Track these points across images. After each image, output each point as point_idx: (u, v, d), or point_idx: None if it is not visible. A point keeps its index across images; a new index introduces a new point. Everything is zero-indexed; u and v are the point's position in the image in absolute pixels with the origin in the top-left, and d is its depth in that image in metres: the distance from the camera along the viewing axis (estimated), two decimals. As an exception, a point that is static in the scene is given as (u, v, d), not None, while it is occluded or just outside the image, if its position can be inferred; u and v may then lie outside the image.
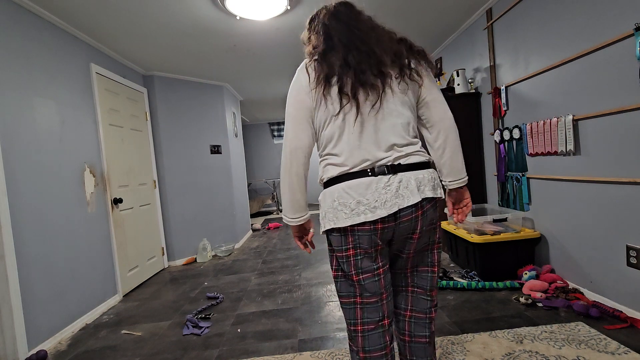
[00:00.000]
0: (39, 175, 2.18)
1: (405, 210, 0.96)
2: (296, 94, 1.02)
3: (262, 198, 7.51)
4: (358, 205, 0.95)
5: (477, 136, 3.15)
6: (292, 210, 1.08)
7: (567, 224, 2.24)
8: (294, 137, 1.02)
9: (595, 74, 1.94)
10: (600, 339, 1.68)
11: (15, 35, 2.10)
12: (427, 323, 1.10)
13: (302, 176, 1.04)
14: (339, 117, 0.97)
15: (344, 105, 0.96)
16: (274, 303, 2.54)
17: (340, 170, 0.98)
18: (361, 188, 0.95)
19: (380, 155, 0.97)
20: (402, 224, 0.98)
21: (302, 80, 1.01)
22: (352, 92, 0.95)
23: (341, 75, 0.96)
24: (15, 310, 1.92)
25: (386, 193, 0.94)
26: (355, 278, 1.01)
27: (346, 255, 1.00)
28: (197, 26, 2.74)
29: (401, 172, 0.97)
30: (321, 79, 0.96)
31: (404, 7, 2.70)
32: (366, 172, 0.96)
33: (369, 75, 0.96)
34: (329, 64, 0.97)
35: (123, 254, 3.03)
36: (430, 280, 1.09)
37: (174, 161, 3.93)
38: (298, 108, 1.01)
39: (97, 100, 2.83)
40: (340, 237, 1.00)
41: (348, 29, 1.01)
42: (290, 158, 1.02)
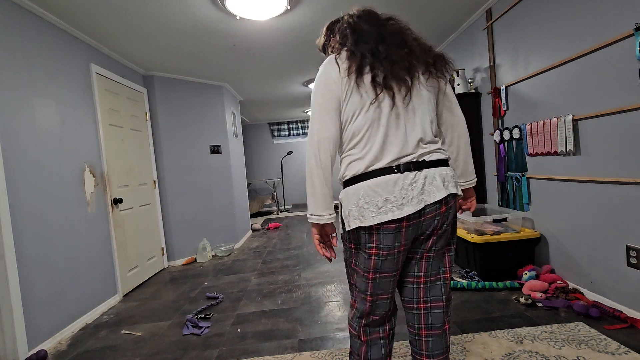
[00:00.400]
0: (39, 175, 2.18)
1: (431, 206, 0.96)
2: (324, 84, 0.99)
3: (262, 198, 7.50)
4: (385, 203, 0.93)
5: (477, 136, 3.15)
6: (323, 206, 1.01)
7: (567, 224, 2.24)
8: (321, 128, 0.98)
9: (595, 74, 1.94)
10: (600, 339, 1.68)
11: (15, 35, 2.10)
12: (444, 338, 1.06)
13: (329, 168, 1.00)
14: (370, 109, 0.96)
15: (378, 94, 0.95)
16: (274, 303, 2.54)
17: (366, 167, 0.96)
18: (389, 185, 0.94)
19: (406, 151, 0.96)
20: (425, 221, 0.97)
21: (331, 72, 0.98)
22: (385, 82, 0.95)
23: (373, 65, 0.96)
24: (15, 310, 1.92)
25: (412, 190, 0.94)
26: (371, 276, 1.01)
27: (369, 253, 0.99)
28: (197, 26, 2.74)
29: (426, 169, 0.97)
30: (353, 68, 0.95)
31: (403, 7, 2.70)
32: (392, 169, 0.95)
33: (399, 68, 0.96)
34: (361, 54, 0.97)
35: (123, 254, 3.03)
36: (444, 287, 1.06)
37: (174, 161, 3.93)
38: (327, 98, 0.98)
39: (97, 100, 2.83)
40: (365, 235, 0.99)
41: (375, 26, 1.02)
42: (319, 148, 0.98)
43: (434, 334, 1.05)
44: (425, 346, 1.06)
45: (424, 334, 1.06)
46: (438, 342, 1.05)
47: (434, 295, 1.05)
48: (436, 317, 1.05)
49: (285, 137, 8.19)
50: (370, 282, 1.01)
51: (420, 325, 1.06)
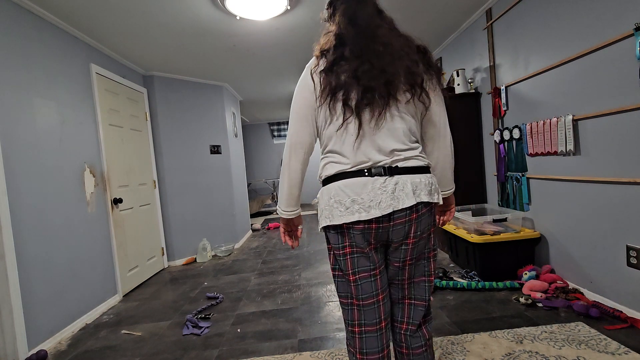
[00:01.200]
0: (39, 175, 2.18)
1: (400, 212, 0.97)
2: (301, 92, 1.03)
3: (262, 198, 7.50)
4: (353, 203, 0.96)
5: (477, 136, 3.15)
6: (285, 203, 1.10)
7: (567, 224, 2.24)
8: (294, 133, 1.04)
9: (595, 74, 1.93)
10: (600, 339, 1.68)
11: (15, 35, 2.10)
12: (421, 332, 1.09)
13: (298, 171, 1.06)
14: (337, 118, 0.99)
15: (347, 118, 0.97)
16: (274, 303, 2.54)
17: (339, 168, 0.99)
18: (357, 187, 0.96)
19: (378, 157, 0.97)
20: (396, 226, 0.98)
21: (308, 81, 1.02)
22: (357, 109, 0.95)
23: (348, 89, 0.95)
24: (15, 310, 1.92)
25: (382, 194, 0.95)
26: (352, 278, 1.02)
27: (343, 253, 1.01)
28: (197, 26, 2.74)
29: (398, 175, 0.97)
30: (327, 90, 0.97)
31: (403, 7, 2.70)
32: (363, 172, 0.97)
33: (375, 94, 0.94)
34: (337, 76, 0.96)
35: (123, 254, 3.03)
36: (428, 289, 1.09)
37: (173, 161, 3.93)
38: (301, 105, 1.03)
39: (97, 101, 2.83)
40: (337, 235, 1.01)
41: (364, 38, 0.97)
42: (290, 153, 1.05)
43: (411, 329, 1.09)
44: (405, 339, 1.09)
45: (404, 327, 1.09)
46: (416, 336, 1.09)
47: (417, 294, 1.09)
48: (417, 314, 1.09)
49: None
50: (353, 285, 1.02)
51: (402, 319, 1.10)
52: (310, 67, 1.02)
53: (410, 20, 2.96)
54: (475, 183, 3.16)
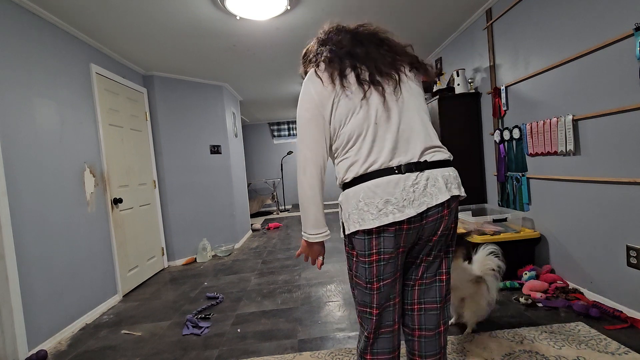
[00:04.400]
0: (39, 175, 2.18)
1: (434, 209, 0.92)
2: (306, 104, 0.98)
3: (262, 198, 7.50)
4: (386, 204, 0.90)
5: (477, 136, 3.15)
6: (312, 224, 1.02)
7: (567, 224, 2.24)
8: (306, 148, 0.99)
9: (595, 74, 1.93)
10: (600, 339, 1.68)
11: (15, 35, 2.10)
12: (437, 339, 1.04)
13: (317, 187, 1.00)
14: (361, 110, 0.94)
15: (366, 91, 0.94)
16: (274, 303, 2.54)
17: (365, 168, 0.93)
18: (389, 186, 0.90)
19: (405, 150, 0.94)
20: (428, 224, 0.94)
21: (311, 89, 0.98)
22: (371, 78, 0.94)
23: (354, 65, 0.95)
24: (15, 310, 1.92)
25: (414, 191, 0.90)
26: (375, 286, 0.96)
27: (369, 260, 0.95)
28: (197, 26, 2.74)
29: (428, 170, 0.93)
30: (335, 73, 0.94)
31: (403, 7, 2.70)
32: (392, 169, 0.91)
33: (382, 64, 0.95)
34: (339, 58, 0.96)
35: (123, 254, 3.03)
36: (440, 290, 1.03)
37: (174, 161, 3.93)
38: (309, 116, 0.97)
39: (97, 100, 2.83)
40: (364, 241, 0.94)
41: (346, 33, 1.02)
42: (305, 170, 0.99)
43: (427, 335, 1.03)
44: (419, 346, 1.04)
45: (417, 334, 1.04)
46: (431, 343, 1.04)
47: (428, 297, 1.03)
48: (430, 319, 1.03)
49: (285, 137, 8.19)
50: (375, 293, 0.96)
51: (414, 325, 1.05)
52: (313, 69, 1.01)
53: (410, 20, 2.97)
54: (475, 183, 3.16)
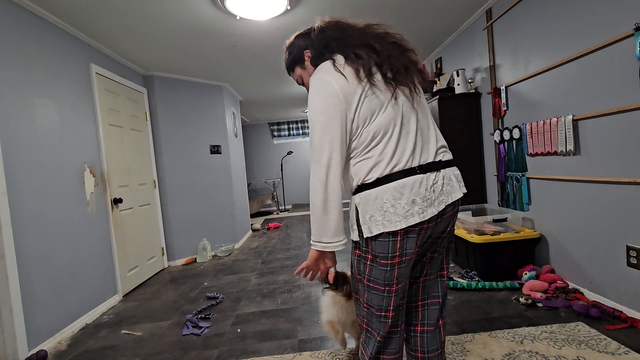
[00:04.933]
0: (39, 175, 2.18)
1: (449, 206, 0.95)
2: (325, 99, 0.91)
3: (262, 198, 7.50)
4: (413, 205, 0.89)
5: (477, 136, 3.15)
6: (330, 232, 0.93)
7: (567, 224, 2.24)
8: (327, 148, 0.90)
9: (595, 74, 1.93)
10: (600, 339, 1.68)
11: (15, 35, 2.10)
12: (438, 334, 1.07)
13: (339, 191, 0.93)
14: (388, 109, 0.92)
15: (395, 90, 0.93)
16: (274, 303, 2.54)
17: (390, 168, 0.91)
18: (415, 187, 0.90)
19: (425, 151, 0.95)
20: (442, 222, 0.96)
21: (332, 83, 0.90)
22: (396, 79, 0.93)
23: (379, 64, 0.94)
24: (15, 310, 1.92)
25: (434, 191, 0.92)
26: (394, 288, 0.95)
27: (391, 263, 0.93)
28: (197, 26, 2.74)
29: (443, 169, 0.96)
30: (361, 70, 0.91)
31: (403, 7, 2.70)
32: (414, 170, 0.91)
33: (401, 65, 0.95)
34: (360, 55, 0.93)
35: (123, 254, 3.03)
36: (441, 285, 1.07)
37: (174, 161, 3.93)
38: (329, 115, 0.90)
39: (97, 100, 2.83)
40: (388, 243, 0.91)
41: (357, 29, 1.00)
42: (327, 173, 0.90)
43: (429, 330, 1.06)
44: (421, 342, 1.06)
45: (419, 330, 1.06)
46: (433, 338, 1.06)
47: (431, 292, 1.06)
48: (432, 314, 1.06)
49: (285, 137, 8.19)
50: (393, 296, 0.95)
51: (416, 321, 1.07)
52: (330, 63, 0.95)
53: (410, 20, 2.97)
54: (475, 183, 3.16)
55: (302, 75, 1.12)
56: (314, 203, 0.92)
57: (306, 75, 1.10)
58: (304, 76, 1.12)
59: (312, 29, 1.08)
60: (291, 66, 1.14)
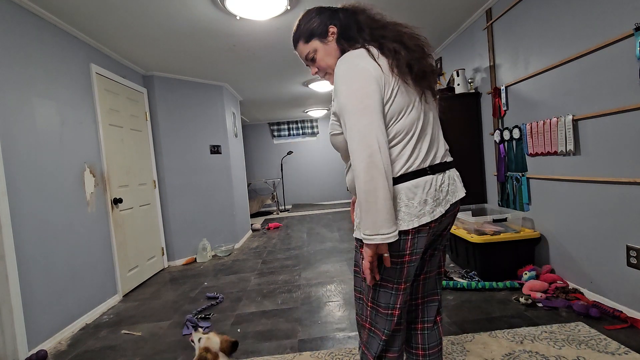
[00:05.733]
0: (39, 175, 2.18)
1: (453, 205, 0.99)
2: (364, 81, 0.86)
3: (262, 198, 7.50)
4: (424, 205, 0.92)
5: (477, 136, 3.15)
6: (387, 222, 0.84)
7: (567, 224, 2.24)
8: (378, 131, 0.84)
9: (595, 74, 1.93)
10: (600, 339, 1.68)
11: (15, 35, 2.10)
12: (436, 330, 1.11)
13: (389, 177, 0.85)
14: (414, 109, 0.92)
15: (424, 91, 0.95)
16: (274, 303, 2.54)
17: (406, 168, 0.92)
18: (427, 187, 0.93)
19: (435, 152, 0.98)
20: (445, 221, 1.00)
21: (370, 68, 0.87)
22: (423, 81, 0.95)
23: (410, 64, 0.92)
24: (15, 310, 1.92)
25: (442, 191, 0.96)
26: (403, 286, 0.96)
27: (401, 261, 0.93)
28: (197, 26, 2.74)
29: (447, 170, 0.99)
30: (396, 65, 0.89)
31: (403, 7, 2.70)
32: (425, 170, 0.94)
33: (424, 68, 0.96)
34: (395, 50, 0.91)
35: (123, 254, 3.03)
36: (439, 282, 1.11)
37: (174, 161, 3.93)
38: (370, 96, 0.85)
39: (97, 101, 2.83)
40: (400, 242, 0.91)
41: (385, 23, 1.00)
42: (381, 155, 0.83)
43: (428, 327, 1.09)
44: (422, 339, 1.09)
45: (420, 327, 1.09)
46: (432, 334, 1.10)
47: (431, 289, 1.10)
48: (431, 310, 1.10)
49: (285, 137, 8.19)
50: (402, 294, 0.97)
51: (417, 319, 1.10)
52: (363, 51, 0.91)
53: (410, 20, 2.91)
54: (475, 183, 3.16)
55: (318, 49, 1.02)
56: (367, 191, 0.83)
57: (323, 51, 1.02)
58: (319, 51, 1.02)
59: (337, 8, 1.03)
60: (309, 37, 1.04)
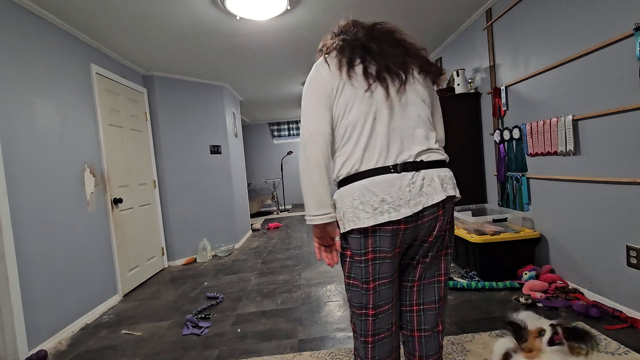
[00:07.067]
0: (39, 175, 2.18)
1: (429, 209, 0.92)
2: (313, 82, 0.98)
3: (262, 198, 7.50)
4: (382, 203, 0.90)
5: (477, 136, 3.15)
6: (313, 205, 0.95)
7: (567, 224, 2.24)
8: (310, 123, 0.95)
9: (595, 74, 1.93)
10: (600, 339, 1.68)
11: (15, 35, 2.10)
12: (435, 338, 1.04)
13: (322, 165, 0.94)
14: (363, 102, 0.93)
15: (371, 84, 0.93)
16: (274, 303, 2.54)
17: (360, 165, 0.93)
18: (386, 185, 0.90)
19: (403, 150, 0.93)
20: (424, 224, 0.94)
21: (321, 71, 0.97)
22: (378, 74, 0.94)
23: (364, 58, 0.95)
24: (15, 310, 1.92)
25: (410, 191, 0.90)
26: (370, 286, 0.95)
27: (365, 259, 0.94)
28: (197, 26, 2.74)
29: (424, 169, 0.93)
30: (344, 61, 0.95)
31: (404, 7, 2.71)
32: (388, 168, 0.92)
33: (392, 63, 0.96)
34: (351, 48, 0.96)
35: (123, 254, 3.03)
36: (438, 291, 1.03)
37: (174, 161, 3.93)
38: (315, 94, 0.96)
39: (97, 101, 2.83)
40: (360, 240, 0.93)
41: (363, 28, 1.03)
42: (308, 145, 0.94)
43: (426, 335, 1.03)
44: (419, 347, 1.04)
45: (417, 335, 1.04)
46: (430, 342, 1.04)
47: (427, 297, 1.03)
48: (429, 319, 1.03)
49: (285, 137, 8.19)
50: (371, 293, 0.95)
51: (413, 327, 1.04)
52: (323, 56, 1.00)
53: (410, 20, 2.96)
54: (475, 183, 3.16)
55: None
56: (302, 179, 0.97)
57: None
58: None
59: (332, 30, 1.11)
60: None
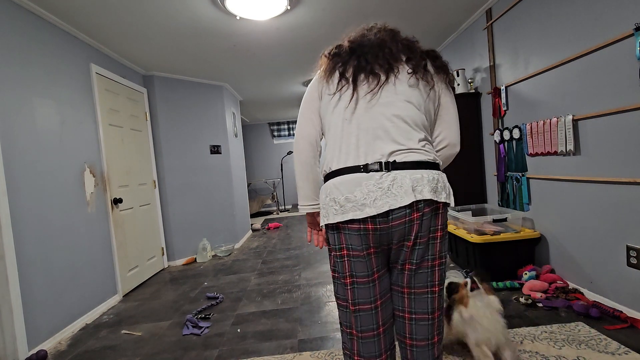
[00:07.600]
0: (39, 175, 2.18)
1: (398, 211, 0.90)
2: (308, 91, 1.10)
3: (262, 198, 7.50)
4: (346, 202, 0.93)
5: (477, 136, 3.15)
6: (303, 196, 1.12)
7: (567, 224, 2.24)
8: (298, 127, 1.10)
9: (595, 74, 1.93)
10: (600, 339, 1.68)
11: (15, 35, 2.10)
12: (430, 350, 1.00)
13: (305, 164, 1.08)
14: (337, 107, 1.00)
15: (340, 88, 0.99)
16: (274, 303, 2.54)
17: (333, 165, 0.99)
18: (351, 184, 0.93)
19: (373, 150, 0.93)
20: (395, 227, 0.92)
21: (313, 80, 1.10)
22: (353, 76, 0.98)
23: (346, 62, 1.01)
24: (15, 310, 1.92)
25: (376, 191, 0.90)
26: (348, 281, 0.97)
27: (340, 254, 0.98)
28: (197, 26, 2.74)
29: (396, 170, 0.91)
30: (328, 68, 1.03)
31: (404, 7, 2.70)
32: (358, 168, 0.93)
33: (373, 63, 0.98)
34: (339, 56, 1.03)
35: (123, 254, 3.03)
36: (431, 302, 0.98)
37: (174, 161, 3.93)
38: (307, 101, 1.09)
39: (97, 101, 2.83)
40: (334, 235, 0.99)
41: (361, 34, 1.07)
42: (295, 146, 1.10)
43: (419, 345, 1.00)
44: (411, 355, 1.02)
45: (409, 343, 1.01)
46: (423, 353, 1.00)
47: (418, 307, 0.99)
48: (421, 329, 1.00)
49: (285, 137, 8.19)
50: (349, 289, 0.97)
51: (405, 334, 1.02)
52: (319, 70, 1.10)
53: (410, 20, 2.96)
54: (475, 183, 3.16)
55: None
56: (295, 173, 1.13)
57: None
58: None
59: None
60: None
